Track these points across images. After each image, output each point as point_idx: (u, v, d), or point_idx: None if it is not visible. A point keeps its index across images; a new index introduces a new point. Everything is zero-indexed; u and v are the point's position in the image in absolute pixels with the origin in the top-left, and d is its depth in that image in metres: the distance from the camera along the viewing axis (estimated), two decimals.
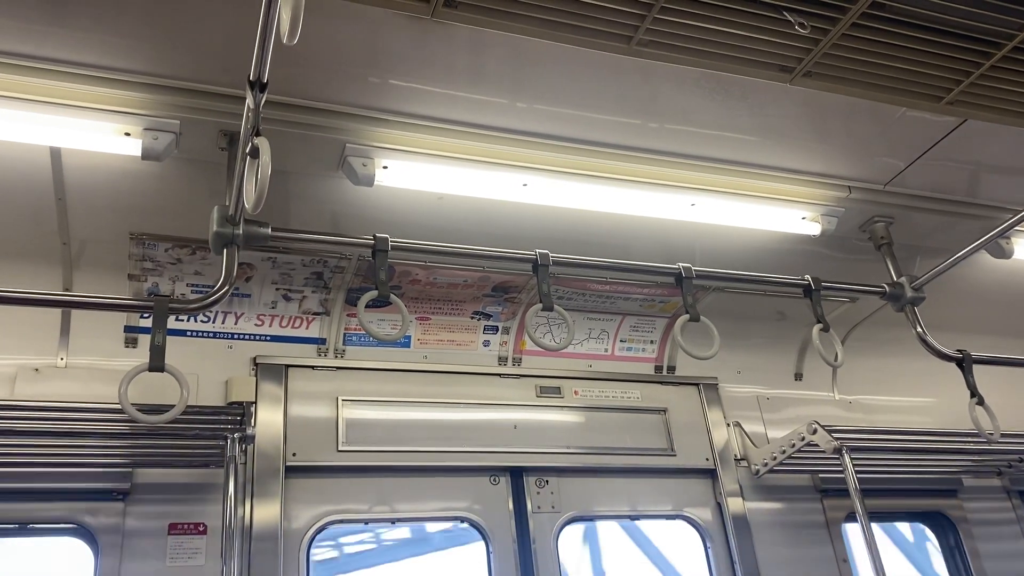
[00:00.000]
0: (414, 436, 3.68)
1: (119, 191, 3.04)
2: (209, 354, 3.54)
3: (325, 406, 3.61)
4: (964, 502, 4.61)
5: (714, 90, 2.86)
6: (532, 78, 2.76)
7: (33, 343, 3.28)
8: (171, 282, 3.42)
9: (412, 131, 2.88)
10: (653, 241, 3.63)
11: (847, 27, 2.55)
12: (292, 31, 1.61)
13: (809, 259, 3.79)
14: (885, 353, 4.60)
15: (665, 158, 3.19)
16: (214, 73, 2.59)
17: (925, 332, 3.56)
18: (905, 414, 4.75)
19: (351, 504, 3.51)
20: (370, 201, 3.19)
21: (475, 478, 3.75)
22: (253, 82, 1.97)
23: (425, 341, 3.93)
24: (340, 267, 3.54)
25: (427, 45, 2.56)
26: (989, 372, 3.67)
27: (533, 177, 3.09)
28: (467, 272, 3.70)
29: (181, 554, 3.14)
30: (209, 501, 3.22)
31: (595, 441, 3.99)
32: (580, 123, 3.00)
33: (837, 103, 2.94)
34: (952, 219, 3.72)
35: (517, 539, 3.67)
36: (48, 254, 3.22)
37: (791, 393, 4.61)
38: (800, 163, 3.34)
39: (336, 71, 2.66)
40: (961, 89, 2.87)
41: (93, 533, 3.08)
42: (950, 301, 4.09)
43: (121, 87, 2.56)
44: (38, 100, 2.51)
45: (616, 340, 4.25)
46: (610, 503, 3.93)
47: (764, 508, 4.13)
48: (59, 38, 2.41)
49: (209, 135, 2.74)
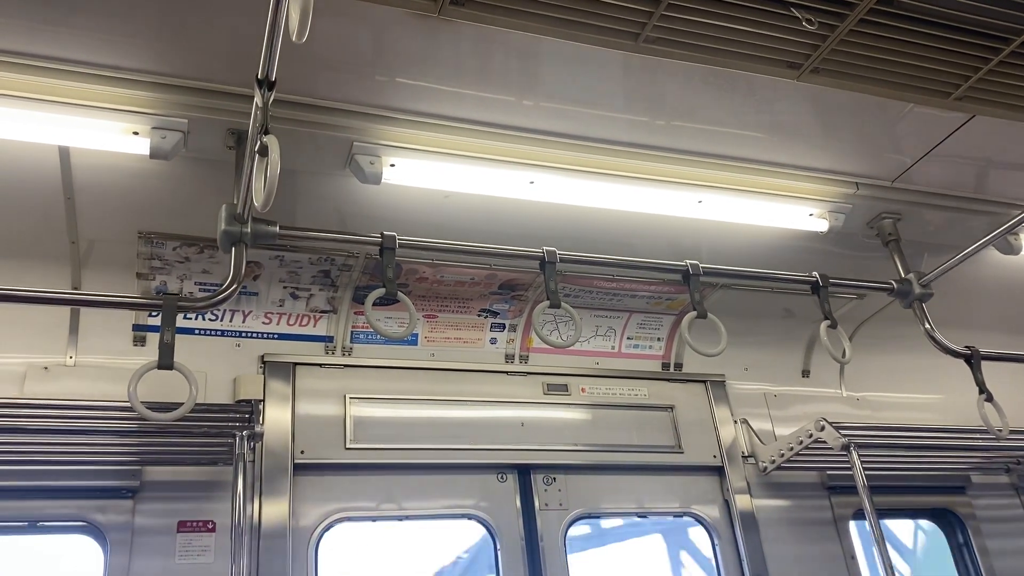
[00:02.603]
0: (422, 434, 3.69)
1: (127, 190, 3.05)
2: (217, 352, 3.56)
3: (333, 404, 3.62)
4: (973, 499, 4.60)
5: (721, 87, 2.85)
6: (539, 76, 2.76)
7: (42, 341, 3.30)
8: (179, 280, 3.43)
9: (419, 129, 2.88)
10: (660, 238, 3.63)
11: (855, 23, 2.54)
12: (301, 29, 1.61)
13: (816, 256, 3.78)
14: (893, 350, 4.59)
15: (672, 155, 3.19)
16: (222, 72, 2.60)
17: (933, 328, 3.55)
18: (913, 411, 4.74)
19: (359, 502, 3.53)
20: (377, 199, 3.19)
21: (483, 475, 3.76)
22: (261, 80, 1.98)
23: (432, 339, 3.93)
24: (347, 265, 3.55)
25: (434, 43, 2.56)
26: (998, 368, 3.66)
27: (540, 175, 3.09)
28: (474, 270, 3.70)
29: (190, 551, 3.16)
30: (218, 499, 3.23)
31: (602, 438, 3.99)
32: (587, 120, 3.00)
33: (845, 99, 2.93)
34: (960, 215, 3.70)
35: (525, 536, 3.67)
36: (57, 253, 3.24)
37: (799, 390, 4.60)
38: (807, 159, 3.33)
39: (343, 69, 2.66)
40: (969, 85, 2.85)
41: (102, 531, 3.10)
42: (958, 297, 4.07)
43: (129, 86, 2.57)
44: (47, 99, 2.52)
45: (623, 337, 4.25)
46: (618, 500, 3.93)
47: (772, 505, 4.13)
48: (67, 38, 2.41)
49: (217, 134, 2.75)
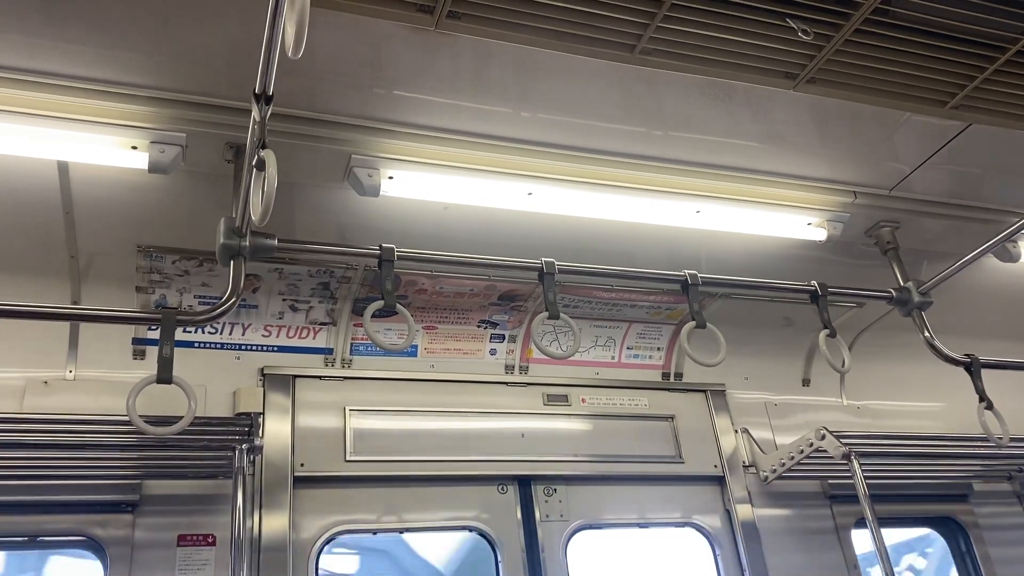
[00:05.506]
0: (422, 445, 3.68)
1: (126, 204, 3.06)
2: (217, 365, 3.55)
3: (332, 416, 3.61)
4: (975, 507, 4.59)
5: (718, 97, 2.86)
6: (536, 87, 2.77)
7: (42, 356, 3.30)
8: (178, 294, 3.43)
9: (417, 141, 2.89)
10: (659, 248, 3.63)
11: (850, 33, 2.55)
12: (297, 45, 1.62)
13: (815, 265, 3.78)
14: (893, 358, 4.58)
15: (670, 165, 3.19)
16: (220, 86, 2.60)
17: (933, 337, 3.54)
18: (914, 419, 4.73)
19: (359, 514, 3.51)
20: (376, 211, 3.19)
21: (483, 487, 3.75)
22: (259, 95, 1.98)
23: (432, 350, 3.93)
24: (346, 277, 3.55)
25: (431, 56, 2.57)
26: (998, 376, 3.65)
27: (538, 186, 3.09)
28: (473, 281, 3.70)
29: (190, 565, 3.14)
30: (218, 512, 3.22)
31: (603, 449, 3.98)
32: (584, 131, 3.00)
33: (841, 109, 2.94)
34: (958, 223, 3.70)
35: (526, 548, 3.66)
36: (56, 267, 3.24)
37: (799, 399, 4.59)
38: (805, 169, 3.34)
39: (341, 83, 2.67)
40: (965, 94, 2.86)
41: (102, 545, 3.09)
42: (957, 305, 4.07)
43: (128, 101, 2.58)
44: (45, 115, 2.52)
45: (623, 347, 4.25)
46: (618, 511, 3.92)
47: (773, 515, 4.11)
48: (66, 53, 2.42)
49: (215, 148, 2.75)
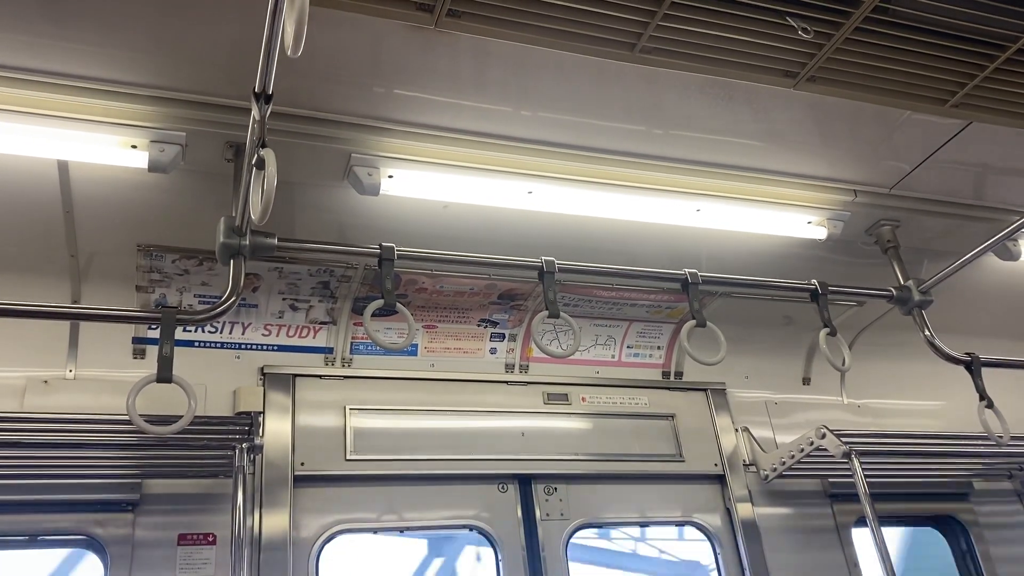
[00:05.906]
0: (422, 444, 3.69)
1: (126, 203, 3.06)
2: (217, 364, 3.56)
3: (333, 415, 3.61)
4: (975, 506, 4.59)
5: (718, 96, 2.86)
6: (536, 86, 2.77)
7: (42, 355, 3.30)
8: (179, 293, 3.43)
9: (417, 140, 2.89)
10: (659, 247, 3.63)
11: (850, 31, 2.55)
12: (296, 44, 1.62)
13: (815, 263, 3.78)
14: (893, 357, 4.58)
15: (670, 164, 3.19)
16: (220, 85, 2.60)
17: (933, 335, 3.54)
18: (914, 418, 4.73)
19: (360, 513, 3.52)
20: (376, 210, 3.19)
21: (483, 486, 3.75)
22: (258, 94, 1.98)
23: (432, 349, 3.93)
24: (346, 276, 3.55)
25: (431, 55, 2.57)
26: (998, 375, 3.65)
27: (538, 184, 3.09)
28: (473, 280, 3.70)
29: (191, 564, 3.15)
30: (218, 511, 3.22)
31: (603, 448, 3.98)
32: (584, 130, 3.00)
33: (842, 107, 2.94)
34: (959, 222, 3.70)
35: (526, 547, 3.66)
36: (56, 267, 3.24)
37: (799, 398, 4.60)
38: (805, 167, 3.33)
39: (341, 82, 2.66)
40: (966, 92, 2.86)
41: (103, 544, 3.09)
42: (958, 304, 4.07)
43: (127, 100, 2.57)
44: (45, 114, 2.52)
45: (623, 346, 4.25)
46: (619, 510, 3.92)
47: (774, 513, 4.12)
48: (65, 52, 2.42)
49: (215, 147, 2.75)
